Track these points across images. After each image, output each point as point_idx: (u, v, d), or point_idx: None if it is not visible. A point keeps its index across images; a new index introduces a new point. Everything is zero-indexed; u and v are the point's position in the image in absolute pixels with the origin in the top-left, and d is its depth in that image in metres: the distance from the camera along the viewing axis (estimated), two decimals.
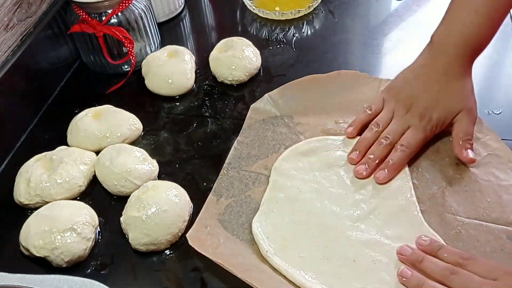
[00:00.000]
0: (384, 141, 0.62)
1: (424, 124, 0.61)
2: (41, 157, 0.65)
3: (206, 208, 0.59)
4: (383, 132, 0.63)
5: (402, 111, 0.63)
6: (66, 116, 0.74)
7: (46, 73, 0.78)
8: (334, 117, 0.68)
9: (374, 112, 0.65)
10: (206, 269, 0.55)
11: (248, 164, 0.64)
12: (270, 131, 0.67)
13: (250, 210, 0.59)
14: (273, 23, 0.88)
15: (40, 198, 0.61)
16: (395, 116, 0.63)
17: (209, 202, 0.60)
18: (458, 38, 0.61)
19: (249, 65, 0.76)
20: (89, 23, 0.74)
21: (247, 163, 0.64)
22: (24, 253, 0.56)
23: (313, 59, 0.80)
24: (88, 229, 0.57)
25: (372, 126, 0.64)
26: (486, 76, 0.74)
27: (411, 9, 0.88)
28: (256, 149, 0.65)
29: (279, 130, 0.67)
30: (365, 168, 0.61)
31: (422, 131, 0.61)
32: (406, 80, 0.65)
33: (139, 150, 0.65)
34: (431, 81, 0.62)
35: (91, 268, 0.56)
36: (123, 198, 0.61)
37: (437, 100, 0.61)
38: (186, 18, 0.92)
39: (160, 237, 0.56)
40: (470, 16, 0.60)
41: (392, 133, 0.62)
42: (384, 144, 0.61)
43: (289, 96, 0.72)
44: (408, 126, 0.62)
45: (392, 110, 0.64)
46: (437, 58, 0.62)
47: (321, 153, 0.64)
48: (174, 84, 0.75)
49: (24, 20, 0.73)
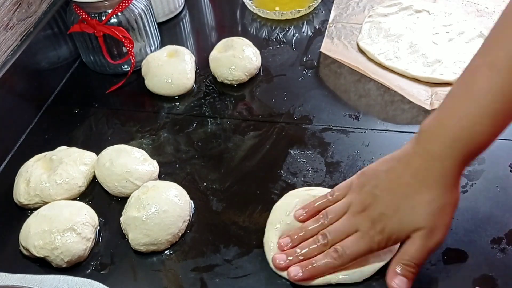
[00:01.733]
0: (321, 239, 0.52)
1: (373, 233, 0.50)
2: (41, 157, 0.65)
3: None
4: (326, 228, 0.53)
5: (356, 208, 0.52)
6: (66, 116, 0.75)
7: (46, 73, 0.78)
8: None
9: (334, 199, 0.55)
10: (206, 269, 0.55)
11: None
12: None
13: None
14: (273, 23, 0.88)
15: (39, 198, 0.61)
16: (348, 212, 0.53)
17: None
18: (448, 134, 0.47)
19: (249, 65, 0.76)
20: (89, 23, 0.74)
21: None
22: (24, 253, 0.56)
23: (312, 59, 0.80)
24: (88, 229, 0.57)
25: (320, 215, 0.54)
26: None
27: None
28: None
29: None
30: (284, 259, 0.53)
31: (367, 242, 0.50)
32: (377, 171, 0.53)
33: (139, 151, 0.64)
34: (400, 181, 0.50)
35: (91, 268, 0.56)
36: (123, 198, 0.61)
37: (396, 209, 0.49)
38: (186, 18, 0.92)
39: (160, 237, 0.56)
40: (470, 108, 0.46)
41: (333, 232, 0.52)
42: (319, 243, 0.52)
43: None
44: (355, 229, 0.51)
45: (349, 204, 0.53)
46: (416, 154, 0.50)
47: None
48: (174, 84, 0.75)
49: (24, 20, 0.73)
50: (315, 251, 0.52)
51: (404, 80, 0.74)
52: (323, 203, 0.56)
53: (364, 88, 0.75)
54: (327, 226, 0.53)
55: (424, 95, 0.72)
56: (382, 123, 0.69)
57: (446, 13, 0.83)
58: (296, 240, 0.54)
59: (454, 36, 0.79)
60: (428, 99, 0.71)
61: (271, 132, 0.69)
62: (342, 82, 0.76)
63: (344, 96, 0.74)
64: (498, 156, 0.63)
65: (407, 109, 0.71)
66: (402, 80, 0.74)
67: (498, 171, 0.62)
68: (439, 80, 0.73)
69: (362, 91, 0.74)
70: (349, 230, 0.51)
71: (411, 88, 0.73)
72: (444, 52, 0.77)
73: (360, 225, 0.51)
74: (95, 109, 0.76)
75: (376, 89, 0.74)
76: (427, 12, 0.84)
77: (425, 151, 0.49)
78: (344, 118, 0.70)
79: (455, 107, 0.48)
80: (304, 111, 0.72)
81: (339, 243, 0.51)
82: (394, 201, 0.50)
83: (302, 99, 0.74)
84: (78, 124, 0.73)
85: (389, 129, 0.68)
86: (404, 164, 0.50)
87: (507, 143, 0.64)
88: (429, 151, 0.48)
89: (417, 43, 0.78)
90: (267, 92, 0.75)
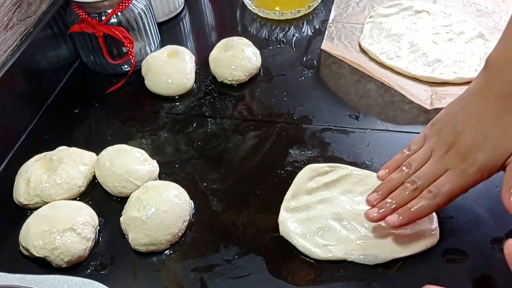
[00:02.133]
0: (410, 186, 0.52)
1: (465, 167, 0.49)
2: (41, 157, 0.65)
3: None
4: (413, 175, 0.52)
5: (441, 150, 0.52)
6: (66, 116, 0.75)
7: (46, 73, 0.78)
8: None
9: (412, 153, 0.55)
10: (206, 269, 0.55)
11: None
12: None
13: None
14: (273, 23, 0.88)
15: (39, 198, 0.60)
16: (432, 156, 0.52)
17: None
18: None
19: (249, 65, 0.76)
20: (89, 23, 0.74)
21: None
22: (24, 253, 0.56)
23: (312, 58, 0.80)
24: (88, 229, 0.57)
25: (403, 167, 0.54)
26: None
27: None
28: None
29: None
30: (377, 211, 0.52)
31: (461, 177, 0.49)
32: (452, 112, 0.53)
33: (139, 151, 0.64)
34: (481, 111, 0.50)
35: (91, 268, 0.56)
36: (123, 198, 0.61)
37: (485, 137, 0.49)
38: (186, 18, 0.92)
39: (160, 237, 0.56)
40: None
41: (422, 176, 0.51)
42: (409, 189, 0.51)
43: None
44: (445, 170, 0.51)
45: (431, 149, 0.53)
46: (491, 83, 0.50)
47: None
48: (174, 84, 0.75)
49: (23, 20, 0.73)
50: (407, 198, 0.51)
51: (405, 79, 0.75)
52: (403, 158, 0.55)
53: (364, 88, 0.75)
54: (412, 174, 0.53)
55: (424, 94, 0.72)
56: (382, 123, 0.69)
57: (445, 14, 0.84)
58: (384, 193, 0.53)
59: (453, 36, 0.79)
60: (428, 98, 0.71)
61: (271, 132, 0.69)
62: (342, 82, 0.76)
63: (344, 96, 0.74)
64: None
65: (407, 110, 0.71)
66: (403, 80, 0.74)
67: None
68: (439, 80, 0.73)
69: (362, 92, 0.74)
70: (438, 171, 0.51)
71: (411, 87, 0.73)
72: (444, 51, 0.77)
73: (449, 164, 0.50)
74: (95, 109, 0.76)
75: (376, 89, 0.74)
76: (427, 13, 0.84)
77: (499, 80, 0.50)
78: (344, 118, 0.70)
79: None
80: (304, 111, 0.72)
81: (431, 185, 0.51)
82: (480, 131, 0.50)
83: (302, 99, 0.74)
84: (78, 124, 0.73)
85: (389, 129, 0.68)
86: (481, 96, 0.51)
87: None
88: (503, 78, 0.49)
89: (417, 43, 0.78)
90: (267, 92, 0.75)
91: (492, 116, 0.49)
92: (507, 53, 0.50)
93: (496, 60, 0.51)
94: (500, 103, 0.49)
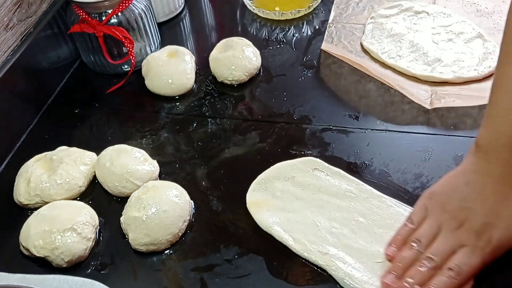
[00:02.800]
0: (427, 263, 0.49)
1: (482, 245, 0.49)
2: (41, 157, 0.65)
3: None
4: (427, 251, 0.50)
5: (452, 225, 0.51)
6: (66, 116, 0.75)
7: (46, 73, 0.78)
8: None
9: (416, 226, 0.53)
10: (206, 269, 0.55)
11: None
12: None
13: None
14: (273, 23, 0.88)
15: (40, 198, 0.61)
16: (442, 231, 0.51)
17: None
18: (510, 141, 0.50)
19: (249, 65, 0.76)
20: (89, 23, 0.74)
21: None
22: (24, 253, 0.57)
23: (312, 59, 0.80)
24: (88, 229, 0.57)
25: (412, 243, 0.51)
26: None
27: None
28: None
29: None
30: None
31: (479, 255, 0.49)
32: (454, 186, 0.53)
33: (139, 151, 0.64)
34: (488, 189, 0.50)
35: (91, 268, 0.56)
36: (123, 198, 0.61)
37: (498, 216, 0.49)
38: (186, 18, 0.92)
39: (160, 237, 0.56)
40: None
41: (439, 253, 0.50)
42: (427, 268, 0.49)
43: None
44: (460, 246, 0.50)
45: (438, 223, 0.51)
46: (490, 163, 0.51)
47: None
48: (174, 84, 0.75)
49: (24, 20, 0.73)
50: (426, 277, 0.49)
51: (404, 79, 0.75)
52: (408, 232, 0.53)
53: (364, 88, 0.75)
54: (424, 250, 0.51)
55: (424, 94, 0.72)
56: (382, 123, 0.69)
57: (445, 14, 0.84)
58: (400, 274, 0.50)
59: (453, 36, 0.80)
60: (428, 98, 0.71)
61: (271, 132, 0.69)
62: (342, 83, 0.76)
63: (344, 96, 0.74)
64: None
65: (407, 110, 0.71)
66: (402, 80, 0.75)
67: None
68: (438, 79, 0.73)
69: (362, 92, 0.74)
70: (453, 247, 0.50)
71: (411, 87, 0.73)
72: (443, 51, 0.77)
73: (465, 240, 0.50)
74: (95, 109, 0.76)
75: (376, 89, 0.74)
76: (427, 13, 0.84)
77: (497, 159, 0.51)
78: (344, 118, 0.71)
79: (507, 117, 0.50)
80: (304, 111, 0.72)
81: (451, 261, 0.49)
82: (493, 209, 0.50)
83: (302, 99, 0.74)
84: (78, 124, 0.74)
85: (389, 129, 0.68)
86: (484, 174, 0.52)
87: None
88: (500, 157, 0.51)
89: (418, 43, 0.79)
90: (267, 92, 0.75)
91: (500, 195, 0.50)
92: (499, 137, 0.51)
93: (488, 143, 0.52)
94: (506, 183, 0.50)
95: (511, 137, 0.50)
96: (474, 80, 0.73)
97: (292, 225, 0.57)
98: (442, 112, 0.70)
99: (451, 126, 0.68)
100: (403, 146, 0.66)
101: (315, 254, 0.54)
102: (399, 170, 0.63)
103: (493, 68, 0.73)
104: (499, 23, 0.82)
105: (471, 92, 0.72)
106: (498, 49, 0.75)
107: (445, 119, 0.69)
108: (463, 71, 0.74)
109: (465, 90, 0.72)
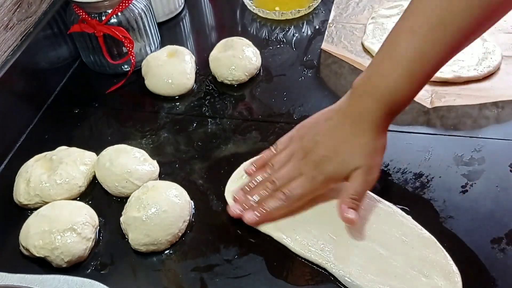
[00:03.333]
0: (269, 186, 0.57)
1: (315, 174, 0.55)
2: (41, 157, 0.65)
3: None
4: (274, 175, 0.58)
5: (299, 155, 0.57)
6: (66, 116, 0.75)
7: (46, 73, 0.78)
8: None
9: (278, 152, 0.60)
10: (206, 269, 0.55)
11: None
12: None
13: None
14: (273, 23, 0.88)
15: (39, 198, 0.61)
16: (292, 160, 0.57)
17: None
18: (375, 90, 0.53)
19: (249, 65, 0.76)
20: (89, 23, 0.74)
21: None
22: (24, 253, 0.56)
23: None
24: (88, 229, 0.57)
25: (267, 168, 0.59)
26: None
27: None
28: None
29: None
30: (239, 208, 0.58)
31: (310, 182, 0.55)
32: (318, 121, 0.58)
33: (139, 151, 0.64)
34: (339, 128, 0.56)
35: (91, 268, 0.56)
36: (123, 198, 0.61)
37: (336, 151, 0.55)
38: (186, 18, 0.92)
39: (160, 238, 0.56)
40: (392, 68, 0.52)
41: (281, 178, 0.57)
42: (269, 189, 0.57)
43: None
44: (300, 174, 0.56)
45: (292, 152, 0.58)
46: (351, 106, 0.56)
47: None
48: (174, 84, 0.75)
49: (24, 20, 0.73)
50: (266, 197, 0.57)
51: None
52: (268, 156, 0.61)
53: None
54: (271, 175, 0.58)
55: (424, 94, 0.72)
56: None
57: None
58: (248, 191, 0.59)
59: None
60: (428, 98, 0.71)
61: (271, 132, 0.69)
62: (342, 83, 0.76)
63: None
64: (498, 156, 0.63)
65: (407, 110, 0.70)
66: None
67: (498, 171, 0.62)
68: (439, 78, 0.73)
69: None
70: (293, 174, 0.56)
71: None
72: None
73: (303, 169, 0.56)
74: (95, 109, 0.76)
75: None
76: None
77: (358, 104, 0.55)
78: None
79: (380, 67, 0.53)
80: (304, 111, 0.72)
81: (286, 186, 0.56)
82: (334, 145, 0.55)
83: (302, 99, 0.74)
84: (78, 124, 0.74)
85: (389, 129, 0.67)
86: (342, 114, 0.56)
87: (507, 143, 0.64)
88: (361, 104, 0.54)
89: None
90: (267, 92, 0.75)
91: (346, 135, 0.55)
92: (368, 82, 0.54)
93: (359, 85, 0.55)
94: (355, 125, 0.55)
95: (376, 89, 0.53)
96: (474, 79, 0.73)
97: (289, 224, 0.57)
98: (442, 112, 0.70)
99: (451, 126, 0.68)
100: (403, 146, 0.66)
101: (314, 254, 0.54)
102: (399, 170, 0.63)
103: (493, 67, 0.73)
104: (499, 22, 0.82)
105: (471, 91, 0.72)
106: (498, 49, 0.75)
107: (445, 119, 0.69)
108: (462, 70, 0.73)
109: (465, 90, 0.72)
